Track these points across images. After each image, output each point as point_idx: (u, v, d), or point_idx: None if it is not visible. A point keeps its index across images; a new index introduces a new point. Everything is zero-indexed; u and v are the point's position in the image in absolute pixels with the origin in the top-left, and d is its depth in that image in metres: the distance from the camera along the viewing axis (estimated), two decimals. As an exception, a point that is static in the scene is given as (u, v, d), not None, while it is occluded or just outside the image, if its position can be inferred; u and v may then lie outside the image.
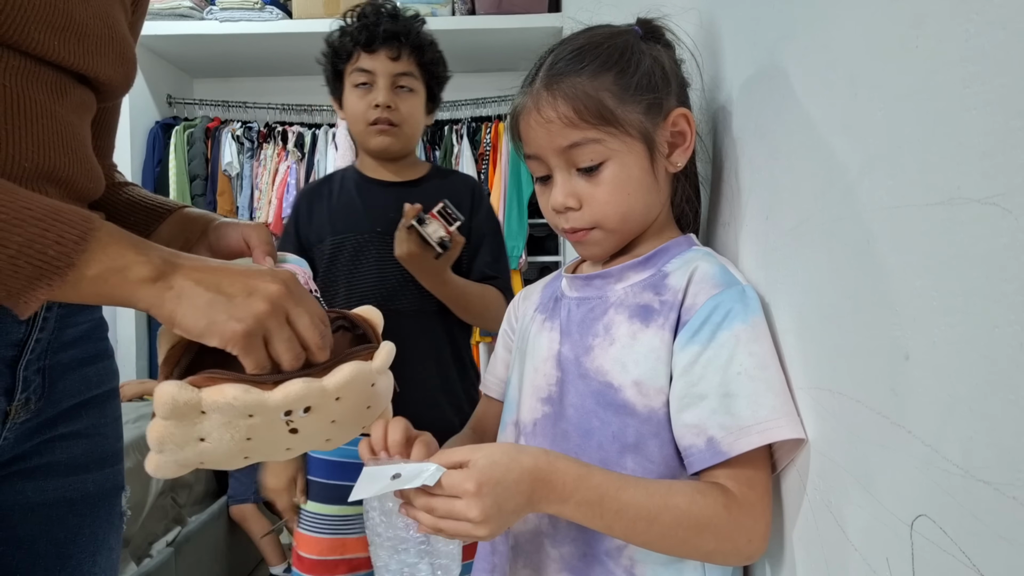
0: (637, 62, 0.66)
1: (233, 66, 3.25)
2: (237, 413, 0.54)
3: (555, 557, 0.66)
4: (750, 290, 0.63)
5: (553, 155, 0.67)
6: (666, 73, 0.68)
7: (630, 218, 0.68)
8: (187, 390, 0.52)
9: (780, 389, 0.58)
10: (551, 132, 0.66)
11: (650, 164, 0.67)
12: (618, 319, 0.67)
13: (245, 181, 3.14)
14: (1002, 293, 0.31)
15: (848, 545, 0.47)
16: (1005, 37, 0.31)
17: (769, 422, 0.56)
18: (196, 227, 0.73)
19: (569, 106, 0.65)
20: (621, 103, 0.65)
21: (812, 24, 0.52)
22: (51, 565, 0.66)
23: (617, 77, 0.66)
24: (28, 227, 0.45)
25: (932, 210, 0.36)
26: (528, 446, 0.59)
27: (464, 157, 3.04)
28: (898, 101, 0.39)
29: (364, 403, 0.63)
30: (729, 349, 0.59)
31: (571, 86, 0.65)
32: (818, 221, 0.51)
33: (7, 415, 0.60)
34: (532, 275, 3.26)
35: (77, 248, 0.47)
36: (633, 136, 0.66)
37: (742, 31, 0.70)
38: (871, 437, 0.44)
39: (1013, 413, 0.31)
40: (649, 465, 0.63)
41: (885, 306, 0.41)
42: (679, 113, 0.67)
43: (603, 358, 0.66)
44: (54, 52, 0.56)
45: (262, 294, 0.53)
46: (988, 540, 0.32)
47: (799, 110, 0.54)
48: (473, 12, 2.86)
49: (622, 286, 0.69)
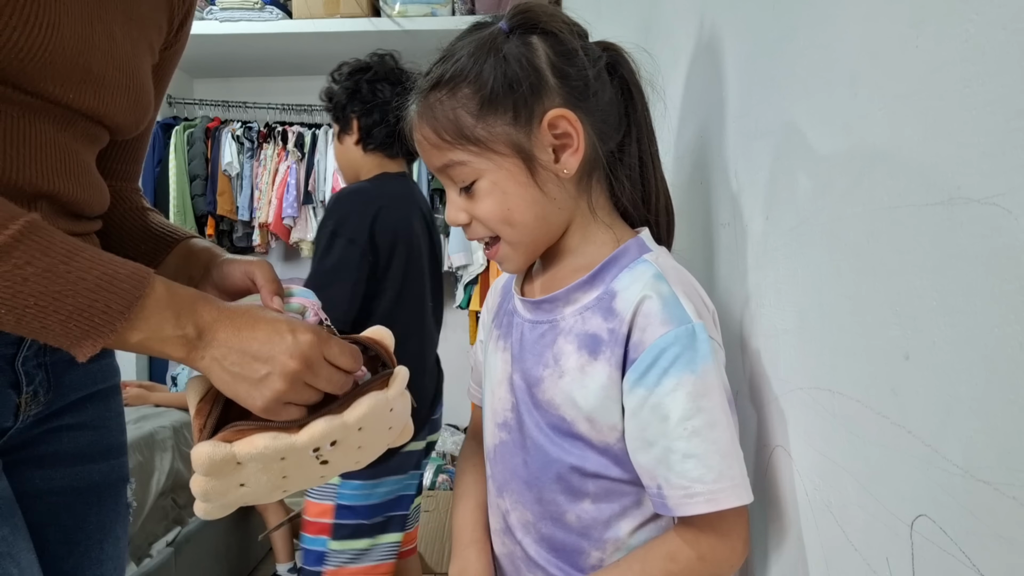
0: (495, 66, 0.60)
1: (233, 66, 3.25)
2: (270, 459, 0.58)
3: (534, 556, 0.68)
4: (700, 329, 0.57)
5: (438, 173, 0.66)
6: (538, 71, 0.61)
7: (523, 231, 0.64)
8: (220, 448, 0.56)
9: (728, 450, 0.57)
10: (425, 152, 0.65)
11: (529, 176, 0.62)
12: (567, 348, 0.64)
13: (245, 181, 3.14)
14: (1002, 293, 0.31)
15: (848, 545, 0.47)
16: (1005, 37, 0.31)
17: (715, 487, 0.56)
18: (199, 263, 0.74)
19: (430, 128, 0.63)
20: (479, 119, 0.60)
21: (812, 24, 0.52)
22: (59, 551, 0.69)
23: (473, 89, 0.60)
24: (80, 297, 0.51)
25: (932, 210, 0.36)
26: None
27: (464, 157, 3.04)
28: (898, 101, 0.39)
29: (385, 426, 0.66)
30: (673, 398, 0.57)
31: (430, 105, 0.63)
32: (818, 221, 0.51)
33: (19, 407, 0.63)
34: (532, 275, 3.26)
35: (121, 317, 0.53)
36: (501, 152, 0.61)
37: (742, 31, 0.70)
38: (871, 437, 0.44)
39: (1013, 413, 0.31)
40: (611, 487, 0.63)
41: (885, 306, 0.41)
42: (555, 115, 0.60)
43: (553, 391, 0.64)
44: (67, 100, 0.59)
45: (279, 373, 0.57)
46: (988, 540, 0.32)
47: (799, 110, 0.54)
48: (473, 12, 2.86)
49: (571, 309, 0.65)
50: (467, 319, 3.29)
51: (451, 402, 3.58)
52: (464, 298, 3.14)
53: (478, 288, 3.07)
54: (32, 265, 0.49)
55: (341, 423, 0.59)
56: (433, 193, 3.11)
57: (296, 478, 0.62)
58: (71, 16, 0.57)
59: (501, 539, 0.72)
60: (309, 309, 0.66)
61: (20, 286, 0.49)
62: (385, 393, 0.62)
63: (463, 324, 3.45)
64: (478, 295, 3.07)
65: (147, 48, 0.69)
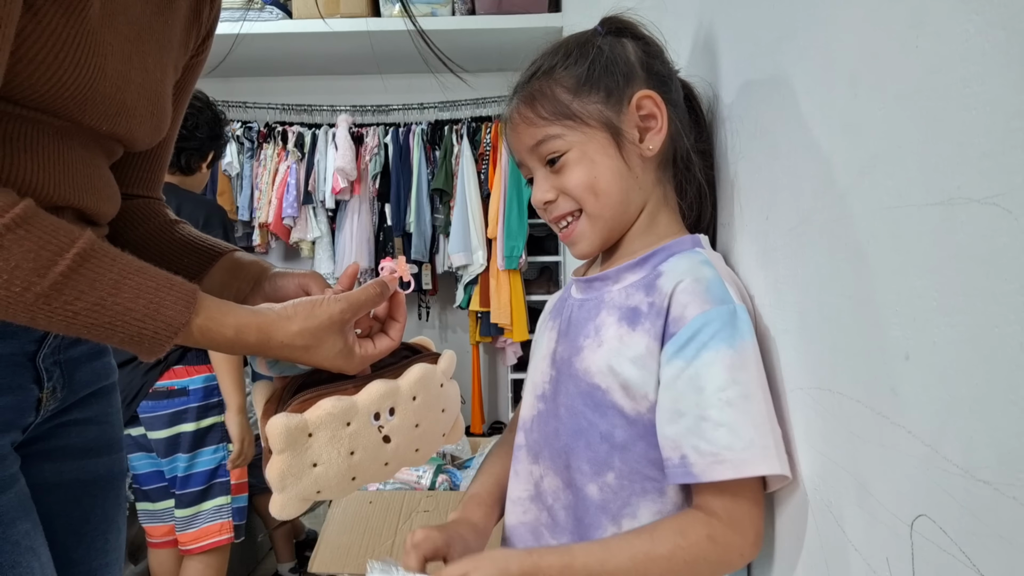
0: (592, 54, 0.68)
1: (233, 66, 3.25)
2: (337, 423, 0.62)
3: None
4: (742, 311, 0.61)
5: (527, 156, 0.70)
6: (630, 62, 0.68)
7: (606, 202, 0.68)
8: (293, 416, 0.60)
9: (762, 421, 0.57)
10: (520, 134, 0.70)
11: (616, 150, 0.67)
12: (608, 320, 0.67)
13: (245, 181, 3.14)
14: (1002, 293, 0.31)
15: (848, 545, 0.47)
16: (1005, 37, 0.31)
17: (745, 455, 0.56)
18: (248, 276, 0.75)
19: (529, 107, 0.69)
20: (576, 95, 0.67)
21: (812, 24, 0.52)
22: (69, 542, 0.72)
23: (571, 71, 0.67)
24: (129, 326, 0.54)
25: (932, 210, 0.36)
26: (514, 552, 0.60)
27: (464, 157, 3.04)
28: (898, 101, 0.39)
29: (439, 405, 0.71)
30: (711, 370, 0.58)
31: (530, 89, 0.69)
32: (818, 221, 0.51)
33: (40, 402, 0.66)
34: (532, 275, 3.27)
35: (169, 341, 0.56)
36: (593, 126, 0.67)
37: (742, 31, 0.70)
38: (871, 437, 0.44)
39: (1013, 413, 0.31)
40: (636, 466, 0.64)
41: (885, 306, 0.41)
42: (642, 95, 0.67)
43: (591, 359, 0.67)
44: (101, 130, 0.62)
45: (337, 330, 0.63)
46: (988, 540, 0.32)
47: (799, 110, 0.54)
48: (473, 12, 2.86)
49: (618, 287, 0.69)
50: (467, 319, 3.29)
51: (451, 402, 3.53)
52: (464, 298, 3.14)
53: (478, 288, 3.07)
54: (82, 300, 0.52)
55: (396, 386, 0.65)
56: (433, 193, 3.11)
57: (364, 461, 0.65)
58: (115, 56, 0.59)
59: (527, 506, 0.73)
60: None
61: (72, 319, 0.52)
62: (434, 366, 0.69)
63: (463, 324, 3.45)
64: (478, 295, 3.07)
65: (172, 70, 0.71)
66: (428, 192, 3.10)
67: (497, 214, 2.96)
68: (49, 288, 0.50)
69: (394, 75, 3.33)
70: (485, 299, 3.03)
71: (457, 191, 3.04)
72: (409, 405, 0.66)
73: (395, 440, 0.66)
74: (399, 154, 3.12)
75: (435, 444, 0.73)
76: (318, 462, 0.62)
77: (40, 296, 0.50)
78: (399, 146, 3.12)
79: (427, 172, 3.11)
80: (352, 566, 1.52)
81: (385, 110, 3.28)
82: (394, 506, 1.66)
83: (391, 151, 3.12)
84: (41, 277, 0.50)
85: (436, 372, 0.69)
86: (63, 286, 0.51)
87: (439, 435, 0.74)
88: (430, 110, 3.24)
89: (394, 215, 3.11)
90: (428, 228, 3.12)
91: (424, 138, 3.13)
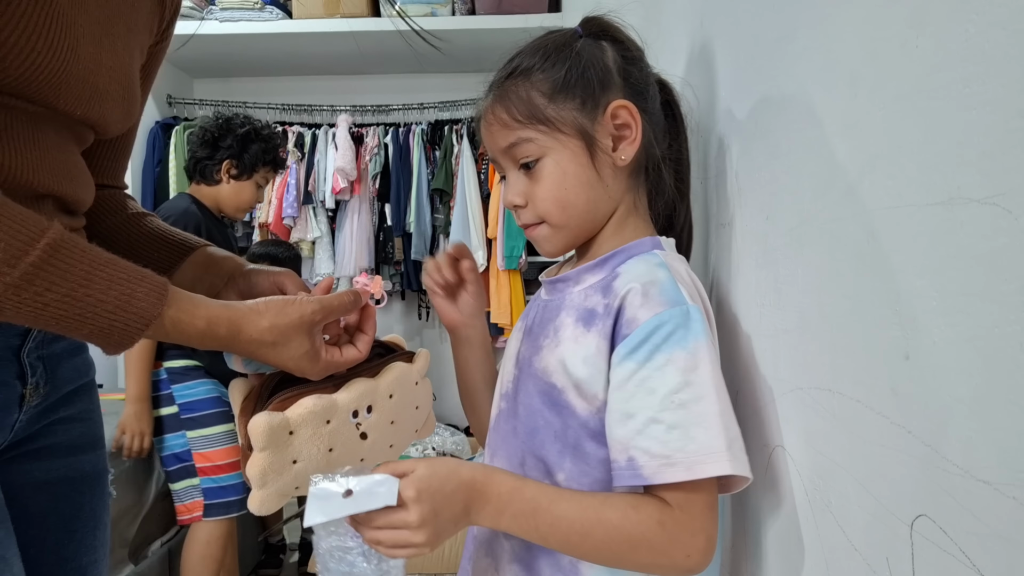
0: (569, 58, 0.67)
1: (233, 66, 3.25)
2: (318, 420, 0.63)
3: (507, 548, 0.69)
4: (696, 311, 0.60)
5: (500, 155, 0.70)
6: (606, 67, 0.67)
7: (571, 213, 0.68)
8: (275, 415, 0.61)
9: (713, 423, 0.56)
10: (493, 134, 0.70)
11: (589, 159, 0.66)
12: (567, 321, 0.68)
13: (245, 181, 3.13)
14: (1002, 293, 0.31)
15: (848, 545, 0.47)
16: (1005, 37, 0.31)
17: (696, 457, 0.56)
18: (221, 272, 0.75)
19: (503, 108, 0.68)
20: (551, 100, 0.66)
21: (812, 24, 0.52)
22: (60, 539, 0.72)
23: (548, 74, 0.67)
24: (100, 319, 0.54)
25: (932, 210, 0.36)
26: (469, 462, 0.61)
27: (464, 157, 3.04)
28: (898, 101, 0.39)
29: (413, 403, 0.73)
30: (664, 372, 0.58)
31: (505, 89, 0.68)
32: (818, 221, 0.51)
33: (23, 398, 0.65)
34: (532, 275, 3.26)
35: (139, 333, 0.55)
36: (567, 132, 0.66)
37: (742, 31, 0.70)
38: (871, 437, 0.44)
39: (1013, 413, 0.31)
40: (585, 467, 0.64)
41: (885, 306, 0.41)
42: (618, 105, 0.66)
43: (549, 358, 0.67)
44: (75, 115, 0.61)
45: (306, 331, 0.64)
46: (988, 540, 0.32)
47: (799, 110, 0.54)
48: (473, 12, 2.86)
49: (578, 288, 0.69)
50: (467, 319, 3.28)
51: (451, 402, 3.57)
52: (464, 298, 3.14)
53: (478, 288, 3.07)
54: (52, 292, 0.51)
55: (374, 384, 0.67)
56: (433, 193, 3.11)
57: (341, 456, 0.66)
58: (86, 38, 0.59)
59: None
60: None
61: (41, 311, 0.51)
62: (410, 366, 0.72)
63: (463, 324, 3.44)
64: (478, 295, 3.06)
65: (139, 52, 0.71)
66: (428, 192, 3.10)
67: (497, 214, 2.96)
68: (19, 278, 0.49)
69: (394, 75, 3.34)
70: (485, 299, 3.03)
71: (457, 191, 3.04)
72: (386, 403, 0.68)
73: (372, 436, 0.68)
74: (399, 154, 3.12)
75: (408, 439, 0.76)
76: (298, 459, 0.63)
77: (10, 287, 0.49)
78: (399, 146, 3.12)
79: (427, 172, 3.11)
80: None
81: (385, 110, 3.28)
82: (394, 506, 1.65)
83: (391, 151, 3.12)
84: (11, 267, 0.49)
85: (412, 371, 0.71)
86: (34, 276, 0.50)
87: (412, 431, 0.76)
88: (430, 110, 3.24)
89: (394, 215, 3.11)
90: (428, 228, 3.11)
91: (424, 138, 3.12)
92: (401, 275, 3.21)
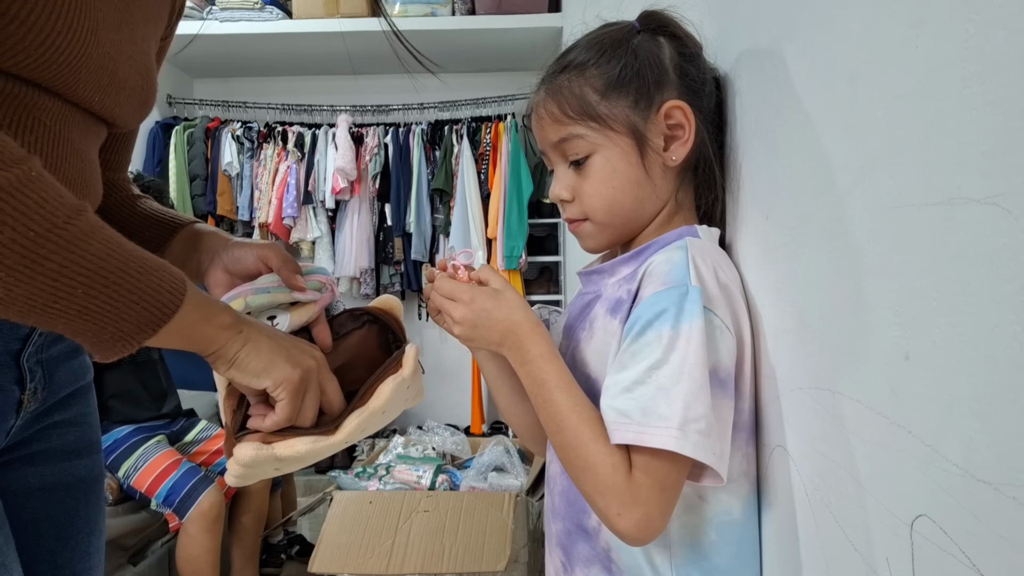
0: (624, 55, 0.66)
1: (233, 66, 3.25)
2: (309, 460, 0.63)
3: (553, 532, 0.72)
4: (695, 292, 0.59)
5: (550, 150, 0.70)
6: (662, 65, 0.67)
7: (617, 212, 0.68)
8: (264, 450, 0.60)
9: (676, 400, 0.56)
10: (544, 129, 0.70)
11: (639, 158, 0.66)
12: (600, 313, 0.69)
13: (245, 181, 3.14)
14: (1002, 293, 0.31)
15: (848, 545, 0.47)
16: (1005, 37, 0.31)
17: (649, 426, 0.56)
18: (207, 248, 0.74)
19: (555, 103, 0.68)
20: (604, 97, 0.66)
21: (812, 24, 0.52)
22: (54, 545, 0.71)
23: (601, 71, 0.66)
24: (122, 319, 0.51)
25: (932, 210, 0.36)
26: (536, 308, 0.64)
27: (464, 157, 3.04)
28: (898, 101, 0.39)
29: (404, 400, 0.72)
30: (649, 348, 0.58)
31: (558, 84, 0.68)
32: (818, 221, 0.51)
33: (20, 404, 0.65)
34: (532, 275, 3.27)
35: (152, 330, 0.53)
36: (618, 130, 0.66)
37: (742, 31, 0.70)
38: (871, 437, 0.44)
39: (1013, 413, 0.31)
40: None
41: (885, 306, 0.41)
42: (672, 105, 0.65)
43: (586, 351, 0.69)
44: (94, 105, 0.61)
45: (309, 355, 0.63)
46: (988, 540, 0.32)
47: (799, 110, 0.54)
48: (473, 12, 2.86)
49: (612, 280, 0.70)
50: (467, 319, 3.28)
51: (451, 402, 3.56)
52: (464, 298, 3.14)
53: (478, 288, 3.07)
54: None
55: (369, 413, 0.65)
56: (433, 193, 3.11)
57: (320, 454, 0.66)
58: (106, 22, 0.58)
59: (546, 493, 0.77)
60: (326, 285, 0.72)
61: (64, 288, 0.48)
62: (402, 374, 0.68)
63: (463, 324, 3.44)
64: (478, 295, 3.07)
65: (155, 42, 0.70)
66: (428, 192, 3.10)
67: (497, 214, 2.97)
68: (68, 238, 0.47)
69: (394, 75, 3.34)
70: (485, 299, 3.03)
71: (457, 191, 3.04)
72: (379, 419, 0.67)
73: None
74: (399, 154, 3.12)
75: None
76: (281, 468, 0.64)
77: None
78: (399, 146, 3.13)
79: (427, 172, 3.11)
80: (352, 566, 1.52)
81: (385, 110, 3.28)
82: (394, 506, 1.66)
83: (391, 151, 3.12)
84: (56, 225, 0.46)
85: (403, 380, 0.68)
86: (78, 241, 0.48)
87: (399, 412, 0.75)
88: (430, 110, 3.24)
89: (394, 215, 3.11)
90: (428, 228, 3.12)
91: (424, 138, 3.13)
92: (401, 275, 3.21)
